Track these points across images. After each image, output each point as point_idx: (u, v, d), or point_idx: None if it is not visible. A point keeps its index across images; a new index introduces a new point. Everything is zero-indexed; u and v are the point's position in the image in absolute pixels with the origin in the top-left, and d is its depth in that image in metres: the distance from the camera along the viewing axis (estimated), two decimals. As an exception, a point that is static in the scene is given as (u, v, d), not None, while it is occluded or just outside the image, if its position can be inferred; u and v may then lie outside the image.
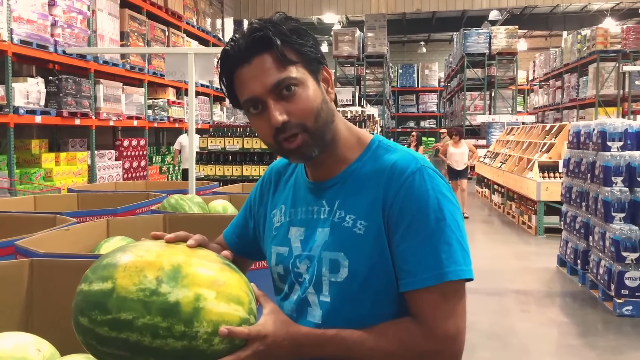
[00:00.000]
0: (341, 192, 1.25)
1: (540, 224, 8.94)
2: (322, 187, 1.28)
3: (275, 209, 1.37)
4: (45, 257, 1.94)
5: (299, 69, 1.19)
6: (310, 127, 1.18)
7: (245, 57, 1.19)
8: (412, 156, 1.22)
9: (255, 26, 1.21)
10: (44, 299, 1.79)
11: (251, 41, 1.19)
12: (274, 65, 1.17)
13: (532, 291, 6.06)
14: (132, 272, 1.03)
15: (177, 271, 1.03)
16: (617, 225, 5.21)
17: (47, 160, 7.38)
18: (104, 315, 1.01)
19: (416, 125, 28.44)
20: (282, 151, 1.22)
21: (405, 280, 1.16)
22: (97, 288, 1.03)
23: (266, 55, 1.18)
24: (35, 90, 6.86)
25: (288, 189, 1.37)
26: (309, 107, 1.18)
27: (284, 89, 1.17)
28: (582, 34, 18.15)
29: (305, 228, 1.27)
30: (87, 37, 7.84)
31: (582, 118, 17.84)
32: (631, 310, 5.07)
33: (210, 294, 1.03)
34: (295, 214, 1.31)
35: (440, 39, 28.59)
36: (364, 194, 1.22)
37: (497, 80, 20.28)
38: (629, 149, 5.48)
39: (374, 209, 1.19)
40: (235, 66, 1.21)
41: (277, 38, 1.18)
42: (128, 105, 9.32)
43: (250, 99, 1.19)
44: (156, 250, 1.08)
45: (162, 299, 1.00)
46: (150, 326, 0.99)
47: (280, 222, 1.34)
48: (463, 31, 20.44)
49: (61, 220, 2.83)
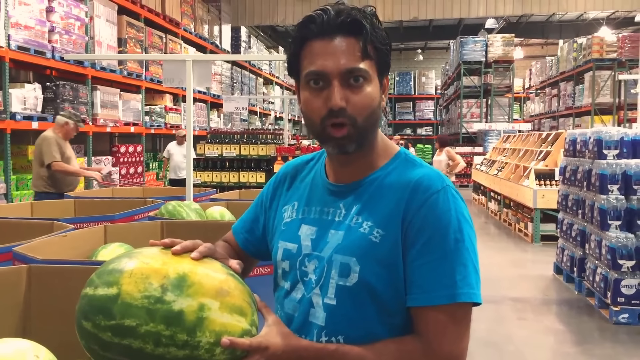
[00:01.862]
0: (361, 198, 1.25)
1: (537, 232, 8.96)
2: (342, 190, 1.28)
3: (288, 205, 1.36)
4: (43, 263, 1.94)
5: (372, 66, 1.20)
6: (360, 123, 1.18)
7: (330, 31, 1.18)
8: (438, 174, 1.23)
9: (344, 8, 1.20)
10: (41, 305, 1.79)
11: (343, 20, 1.18)
12: (354, 52, 1.17)
13: (529, 299, 6.07)
14: (137, 279, 1.03)
15: (183, 280, 1.03)
16: (613, 233, 5.22)
17: (44, 166, 7.36)
18: (108, 321, 1.01)
19: (413, 133, 28.50)
20: (324, 135, 1.20)
21: (416, 295, 1.15)
22: (102, 293, 1.03)
23: (350, 40, 1.18)
24: (32, 96, 6.86)
25: (304, 186, 1.36)
26: (367, 104, 1.19)
27: (352, 78, 1.17)
28: (578, 42, 18.24)
29: (317, 228, 1.27)
30: (84, 43, 7.85)
31: (578, 126, 17.90)
32: (627, 318, 5.08)
33: (214, 304, 1.03)
34: (308, 212, 1.31)
35: (437, 46, 28.68)
36: (384, 203, 1.22)
37: (493, 88, 20.35)
38: (625, 157, 5.50)
39: (394, 220, 1.19)
40: (315, 35, 1.19)
41: (367, 26, 1.19)
42: (125, 111, 9.32)
43: (316, 72, 1.18)
44: (162, 257, 1.08)
45: (166, 307, 1.00)
46: (153, 334, 0.99)
47: (291, 218, 1.33)
48: (460, 39, 20.52)
49: (58, 227, 2.83)
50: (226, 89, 14.45)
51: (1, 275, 1.77)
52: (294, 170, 1.42)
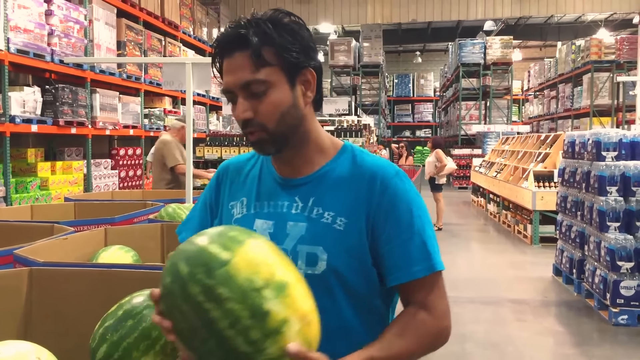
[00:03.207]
0: (316, 190, 1.31)
1: (536, 233, 8.97)
2: (293, 184, 1.33)
3: (234, 202, 1.39)
4: (44, 266, 1.94)
5: (274, 71, 1.24)
6: (270, 128, 1.25)
7: (229, 50, 1.26)
8: (387, 162, 1.36)
9: (241, 22, 1.26)
10: (42, 308, 1.79)
11: (234, 37, 1.25)
12: (248, 64, 1.23)
13: (528, 300, 6.07)
14: (250, 260, 1.03)
15: (284, 287, 1.03)
16: (612, 235, 5.23)
17: (43, 169, 7.37)
18: (206, 278, 1.00)
19: (412, 135, 28.52)
20: (247, 140, 1.30)
21: (397, 274, 1.26)
22: (214, 251, 1.03)
23: (245, 53, 1.23)
24: (31, 99, 6.86)
25: (250, 182, 1.40)
26: (272, 111, 1.24)
27: (253, 89, 1.24)
28: (577, 44, 18.28)
29: (274, 221, 1.31)
30: (83, 46, 7.86)
31: (576, 128, 17.93)
32: (627, 320, 5.08)
33: (296, 325, 1.02)
34: (260, 206, 1.34)
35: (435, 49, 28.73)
36: (344, 193, 1.29)
37: (492, 90, 20.37)
38: (624, 158, 5.52)
39: (356, 208, 1.28)
40: (222, 55, 1.28)
41: (256, 38, 1.23)
42: (124, 114, 9.33)
43: (225, 90, 1.28)
44: (276, 255, 1.08)
45: (259, 300, 1.00)
46: (235, 315, 0.99)
47: (242, 214, 1.36)
48: (458, 41, 20.55)
49: (59, 229, 2.84)
50: (225, 91, 14.44)
51: (2, 278, 1.78)
52: (234, 168, 1.45)
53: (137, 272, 1.84)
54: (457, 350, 4.54)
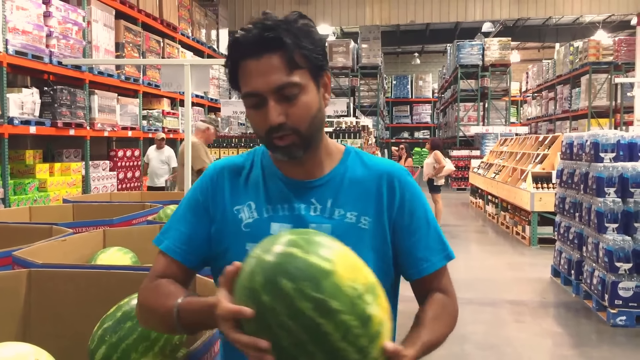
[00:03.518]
0: (332, 192, 1.31)
1: (534, 235, 8.98)
2: (306, 187, 1.31)
3: (240, 206, 1.32)
4: (42, 267, 1.94)
5: (304, 74, 1.23)
6: (303, 131, 1.23)
7: (254, 52, 1.21)
8: (394, 162, 1.43)
9: (268, 23, 1.21)
10: (41, 309, 1.79)
11: (263, 39, 1.20)
12: (282, 67, 1.20)
13: (527, 301, 6.08)
14: (348, 266, 0.99)
15: (374, 288, 1.01)
16: (610, 236, 5.24)
17: (41, 170, 7.37)
18: (315, 292, 0.95)
19: (410, 136, 28.54)
20: (271, 146, 1.26)
21: (422, 266, 1.33)
22: (315, 262, 0.98)
23: (275, 56, 1.20)
24: (29, 100, 6.86)
25: (254, 186, 1.34)
26: (306, 114, 1.23)
27: (286, 92, 1.20)
28: (575, 45, 18.32)
29: (292, 225, 1.28)
30: (82, 48, 7.86)
31: (574, 129, 17.96)
32: (625, 321, 5.09)
33: (387, 325, 1.01)
34: (274, 210, 1.30)
35: (434, 50, 28.77)
36: (362, 193, 1.32)
37: (490, 92, 20.41)
38: (622, 159, 5.53)
39: (378, 207, 1.32)
40: (243, 56, 1.23)
41: (289, 40, 1.20)
42: (123, 115, 9.33)
43: (251, 93, 1.22)
44: (355, 255, 1.05)
45: (364, 306, 0.97)
46: (347, 326, 0.95)
47: (254, 218, 1.30)
48: (456, 43, 20.58)
49: (57, 231, 2.84)
50: (223, 93, 14.47)
51: (1, 279, 1.78)
52: (230, 170, 1.38)
53: (135, 274, 1.84)
54: (456, 351, 4.54)
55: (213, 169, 1.39)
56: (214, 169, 1.39)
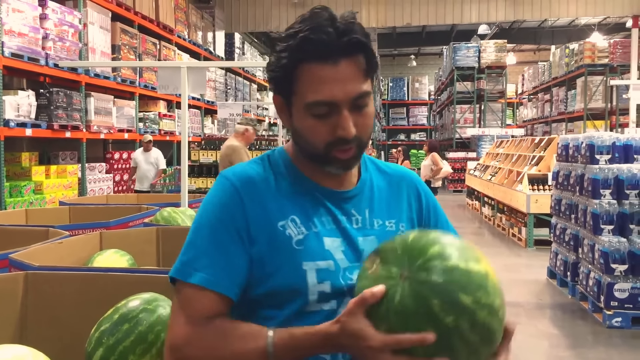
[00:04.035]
0: (366, 202, 1.25)
1: (530, 236, 8.99)
2: (342, 197, 1.23)
3: (283, 221, 1.16)
4: (39, 270, 1.94)
5: (370, 82, 1.17)
6: (364, 141, 1.18)
7: (333, 56, 1.10)
8: (403, 166, 1.44)
9: (346, 26, 1.11)
10: (38, 312, 1.79)
11: (346, 42, 1.10)
12: (359, 74, 1.13)
13: (523, 303, 6.09)
14: (488, 263, 1.04)
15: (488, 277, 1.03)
16: (605, 237, 5.25)
17: (38, 173, 7.36)
18: (487, 299, 0.98)
19: (406, 138, 28.58)
20: (327, 158, 1.16)
21: None
22: (475, 269, 0.99)
23: (353, 62, 1.12)
24: (26, 103, 6.85)
25: (288, 197, 1.19)
26: (370, 124, 1.18)
27: (360, 102, 1.14)
28: (570, 48, 18.37)
29: (341, 239, 1.19)
30: (78, 50, 7.85)
31: (570, 131, 18.00)
32: (620, 322, 5.10)
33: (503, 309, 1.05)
34: (321, 223, 1.19)
35: (430, 52, 28.82)
36: (390, 200, 1.29)
37: (486, 94, 20.45)
38: (617, 161, 5.55)
39: (409, 213, 1.30)
40: (314, 58, 1.11)
41: (369, 46, 1.14)
42: (119, 118, 9.32)
43: (324, 102, 1.11)
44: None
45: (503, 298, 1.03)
46: (502, 319, 1.02)
47: (304, 234, 1.16)
48: (452, 45, 20.63)
49: (54, 234, 2.84)
50: (220, 95, 14.47)
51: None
52: (256, 183, 1.18)
53: (132, 276, 1.85)
54: (452, 353, 4.55)
55: (235, 182, 1.18)
56: (236, 182, 1.18)
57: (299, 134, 1.18)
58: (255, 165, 1.23)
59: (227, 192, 1.17)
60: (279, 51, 1.14)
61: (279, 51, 1.14)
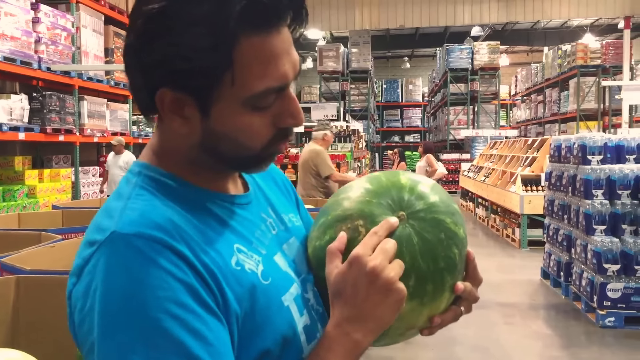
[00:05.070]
0: (263, 200, 1.00)
1: (524, 237, 9.02)
2: (249, 200, 0.95)
3: (233, 256, 0.82)
4: (31, 274, 1.94)
5: None
6: None
7: (278, 17, 0.80)
8: None
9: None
10: (30, 316, 1.79)
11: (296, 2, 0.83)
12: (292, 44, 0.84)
13: (517, 303, 6.11)
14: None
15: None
16: (598, 238, 5.28)
17: (31, 177, 7.34)
18: None
19: (401, 140, 28.61)
20: (261, 158, 0.87)
21: None
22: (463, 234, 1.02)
23: (285, 21, 0.82)
24: (18, 106, 6.83)
25: (209, 223, 0.84)
26: None
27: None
28: (563, 49, 18.45)
29: (280, 251, 0.94)
30: (71, 53, 7.84)
31: (563, 132, 18.08)
32: (613, 322, 5.13)
33: None
34: (259, 242, 0.90)
35: (423, 54, 28.87)
36: (274, 189, 1.06)
37: (480, 95, 20.50)
38: (609, 162, 5.58)
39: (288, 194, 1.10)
40: (261, 29, 0.78)
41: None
42: (113, 121, 9.30)
43: (277, 88, 0.81)
44: None
45: None
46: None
47: (260, 261, 0.86)
48: (446, 47, 20.68)
49: (46, 237, 2.83)
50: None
51: (-11, 286, 1.78)
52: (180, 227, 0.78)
53: (124, 279, 1.84)
54: (446, 354, 4.56)
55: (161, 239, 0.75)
56: (162, 238, 0.75)
57: (222, 140, 0.83)
58: (145, 202, 0.80)
59: (153, 258, 0.73)
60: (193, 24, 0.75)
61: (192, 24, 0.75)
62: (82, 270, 0.77)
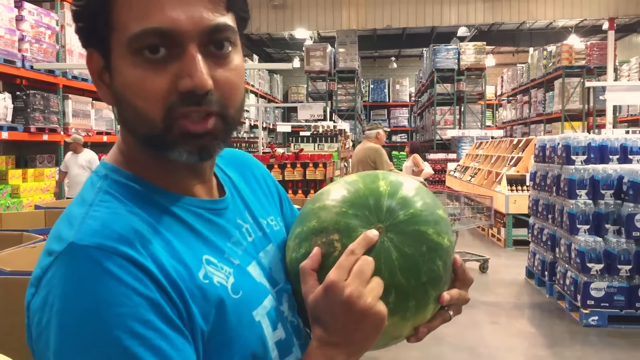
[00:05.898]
0: (241, 201, 0.93)
1: (509, 237, 9.08)
2: (220, 207, 0.87)
3: (201, 268, 0.77)
4: (11, 275, 1.93)
5: (235, 22, 0.79)
6: (230, 112, 0.78)
7: None
8: None
9: None
10: (11, 317, 1.78)
11: None
12: (212, 1, 0.75)
13: (502, 303, 6.15)
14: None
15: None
16: (582, 237, 5.33)
17: (14, 176, 7.27)
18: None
19: (387, 140, 28.68)
20: (171, 135, 0.75)
21: None
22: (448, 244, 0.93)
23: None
24: (2, 105, 6.77)
25: (177, 232, 0.78)
26: (238, 83, 0.79)
27: (215, 42, 0.75)
28: (548, 50, 18.58)
29: (255, 261, 0.88)
30: (55, 52, 7.78)
31: (549, 132, 18.21)
32: (597, 321, 5.18)
33: None
34: (232, 252, 0.84)
35: (410, 54, 28.95)
36: (255, 188, 1.00)
37: (466, 95, 20.59)
38: (593, 162, 5.63)
39: (272, 199, 1.04)
40: None
41: None
42: (98, 120, 9.25)
43: (160, 31, 0.72)
44: None
45: None
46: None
47: (231, 273, 0.81)
48: (433, 47, 20.75)
49: (28, 238, 2.81)
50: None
51: (-31, 287, 1.76)
52: (143, 237, 0.73)
53: (107, 280, 1.83)
54: (432, 353, 4.57)
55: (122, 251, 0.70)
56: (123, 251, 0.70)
57: (123, 102, 0.77)
58: (108, 210, 0.75)
59: (114, 272, 0.68)
60: None
61: None
62: (40, 281, 0.72)
